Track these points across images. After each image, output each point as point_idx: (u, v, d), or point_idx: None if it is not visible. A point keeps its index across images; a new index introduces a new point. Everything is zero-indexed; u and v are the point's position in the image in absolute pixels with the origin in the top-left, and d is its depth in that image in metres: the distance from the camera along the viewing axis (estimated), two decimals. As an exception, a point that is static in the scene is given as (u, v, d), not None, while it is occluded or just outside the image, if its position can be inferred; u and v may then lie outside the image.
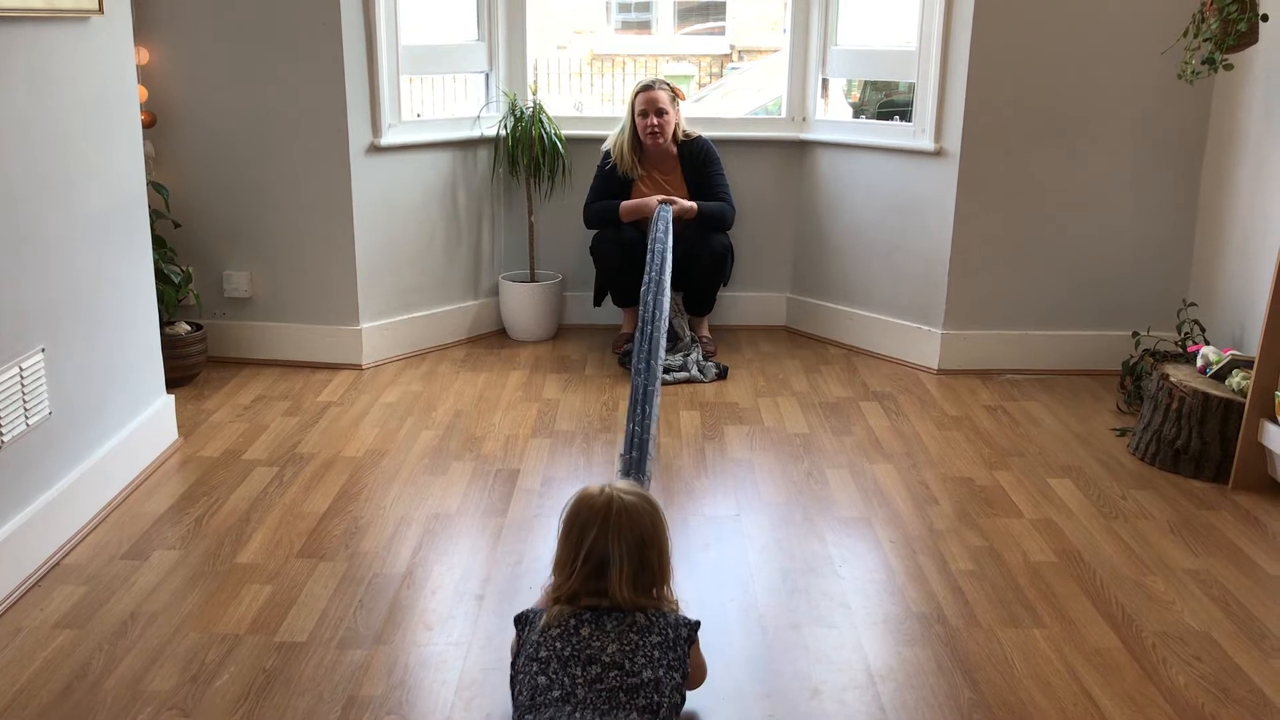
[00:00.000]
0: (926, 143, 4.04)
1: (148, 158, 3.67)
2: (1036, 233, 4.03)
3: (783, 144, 4.53)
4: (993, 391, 3.95)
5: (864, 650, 2.32)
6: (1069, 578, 2.63)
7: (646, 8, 8.67)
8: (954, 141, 3.96)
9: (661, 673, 1.88)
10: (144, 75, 3.79)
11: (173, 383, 3.59)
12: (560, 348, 4.42)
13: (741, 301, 4.65)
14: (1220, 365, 3.30)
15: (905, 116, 4.29)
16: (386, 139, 4.01)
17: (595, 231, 4.27)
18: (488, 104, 4.43)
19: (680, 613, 2.02)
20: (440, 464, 3.26)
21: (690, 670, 1.96)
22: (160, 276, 3.61)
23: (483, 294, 4.55)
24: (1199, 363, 3.38)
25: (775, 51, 4.62)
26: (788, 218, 4.60)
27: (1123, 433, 3.54)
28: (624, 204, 4.19)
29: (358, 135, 3.94)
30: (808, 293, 4.63)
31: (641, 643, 1.89)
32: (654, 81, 4.22)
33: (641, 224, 4.15)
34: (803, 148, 4.52)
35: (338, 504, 2.98)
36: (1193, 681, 2.23)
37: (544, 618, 1.94)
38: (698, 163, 4.23)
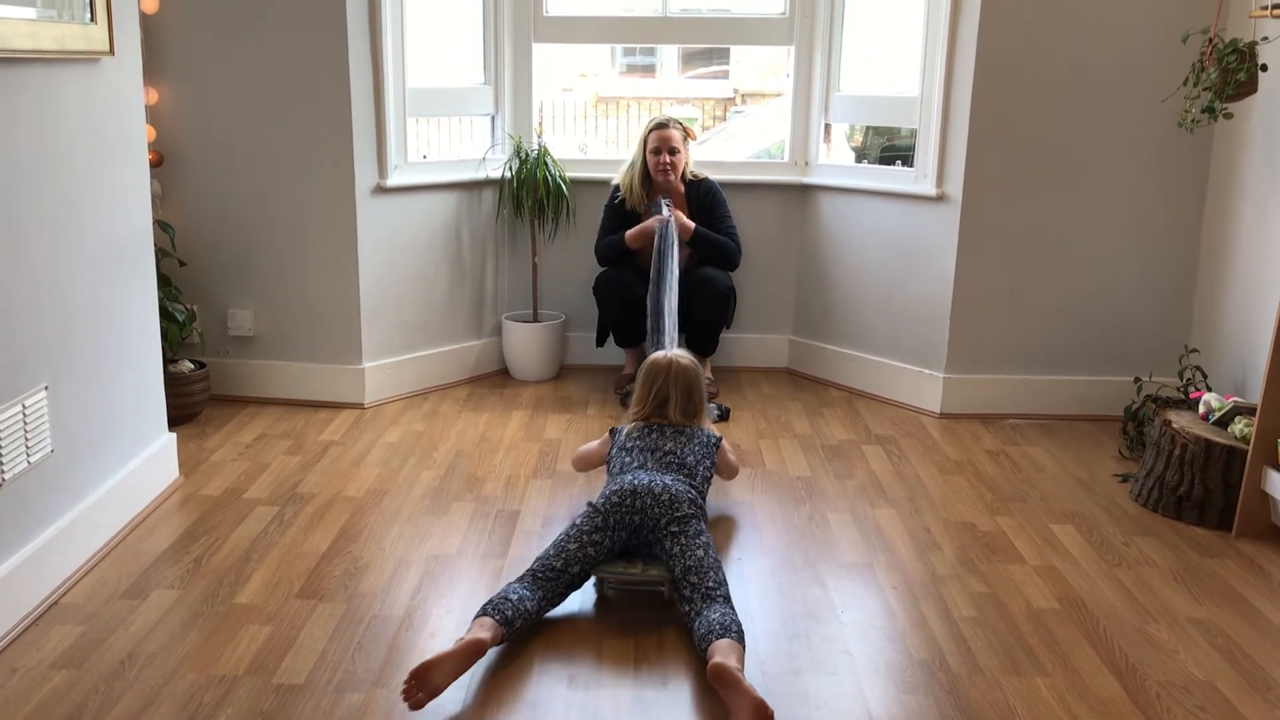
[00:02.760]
0: (929, 188, 4.07)
1: (154, 196, 3.71)
2: (1038, 277, 4.04)
3: (785, 187, 4.56)
4: (995, 436, 3.95)
5: (865, 697, 2.31)
6: (1072, 625, 2.62)
7: (651, 51, 8.75)
8: (956, 187, 3.99)
9: (696, 460, 2.96)
10: (152, 115, 3.82)
11: (175, 420, 3.59)
12: (562, 388, 4.43)
13: (744, 343, 4.66)
14: (1223, 412, 3.30)
15: (907, 161, 4.31)
16: (392, 180, 4.04)
17: (598, 272, 4.28)
18: (493, 146, 4.46)
19: (710, 430, 3.12)
20: (441, 505, 3.25)
21: (721, 466, 3.13)
22: (164, 314, 3.62)
23: (486, 334, 4.56)
24: (1201, 409, 3.38)
25: (778, 96, 4.66)
26: (790, 260, 4.62)
27: (1125, 478, 3.54)
28: (628, 232, 4.21)
29: (364, 176, 3.96)
30: (810, 335, 4.64)
31: (687, 443, 3.00)
32: (668, 120, 4.27)
33: (644, 264, 4.17)
34: (805, 191, 4.55)
35: (338, 544, 2.97)
36: (1197, 732, 2.21)
37: (627, 428, 3.08)
38: (705, 203, 4.27)
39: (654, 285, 4.02)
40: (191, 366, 3.92)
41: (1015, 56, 3.85)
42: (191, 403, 3.88)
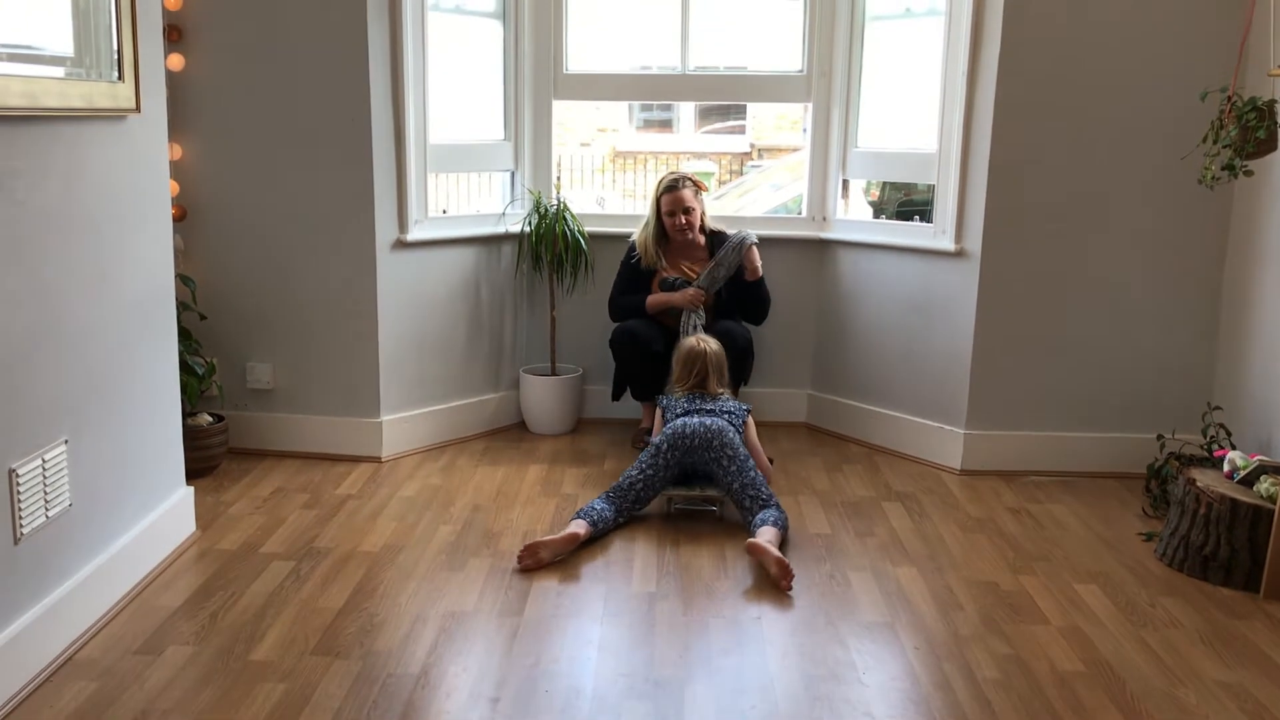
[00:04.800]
0: (947, 243, 4.07)
1: (176, 251, 3.73)
2: (1058, 333, 4.03)
3: (804, 242, 4.57)
4: (1016, 493, 3.91)
5: (889, 762, 2.26)
6: (1098, 688, 2.57)
7: (668, 107, 8.83)
8: (975, 242, 3.99)
9: (732, 417, 3.66)
10: (175, 169, 3.86)
11: (193, 474, 3.59)
12: (579, 441, 4.41)
13: (762, 397, 4.64)
14: (1248, 470, 3.26)
15: (925, 216, 4.32)
16: (413, 235, 4.07)
17: (615, 325, 4.28)
18: (513, 201, 4.49)
19: (738, 402, 3.82)
20: (457, 560, 3.23)
21: (748, 442, 3.68)
22: (184, 368, 3.63)
23: (503, 387, 4.56)
24: (1226, 468, 3.34)
25: (795, 150, 4.69)
26: (808, 315, 4.62)
27: (1149, 537, 3.49)
28: (650, 299, 4.22)
29: (384, 231, 3.99)
30: (829, 390, 4.62)
31: (721, 406, 3.71)
32: (677, 179, 4.27)
33: (663, 317, 4.17)
34: (823, 246, 4.56)
35: (354, 600, 2.95)
36: (1230, 801, 2.15)
37: (675, 394, 3.81)
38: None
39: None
40: (210, 420, 3.92)
41: (1033, 113, 3.87)
42: (210, 456, 3.88)
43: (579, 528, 3.30)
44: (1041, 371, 4.06)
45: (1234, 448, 3.55)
